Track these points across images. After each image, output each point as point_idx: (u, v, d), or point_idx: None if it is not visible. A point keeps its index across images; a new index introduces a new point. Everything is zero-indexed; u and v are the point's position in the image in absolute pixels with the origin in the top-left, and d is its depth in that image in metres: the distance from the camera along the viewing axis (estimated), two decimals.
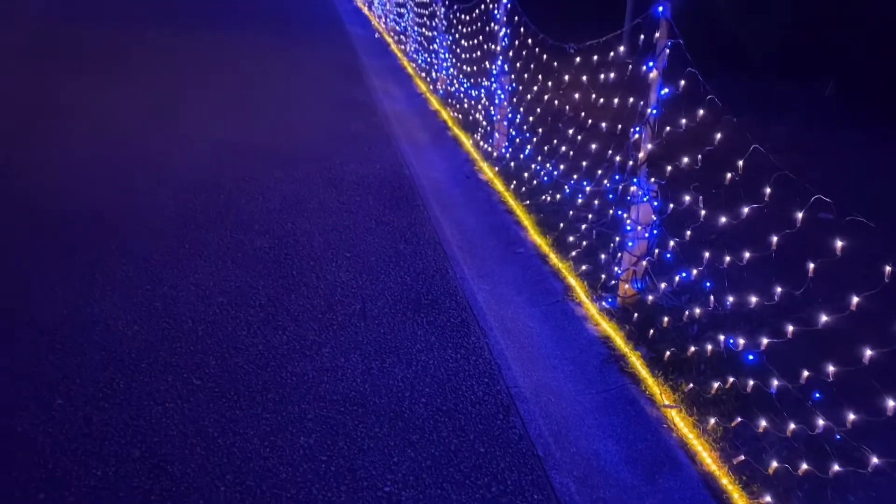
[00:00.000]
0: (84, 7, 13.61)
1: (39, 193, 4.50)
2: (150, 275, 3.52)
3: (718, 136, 2.79)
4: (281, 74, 8.25)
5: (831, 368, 2.15)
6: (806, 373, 2.29)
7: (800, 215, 2.29)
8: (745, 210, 2.61)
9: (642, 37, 3.12)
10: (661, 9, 2.94)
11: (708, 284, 3.00)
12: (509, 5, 5.17)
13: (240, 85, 7.67)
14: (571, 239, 3.85)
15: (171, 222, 4.14)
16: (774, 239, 2.44)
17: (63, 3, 13.99)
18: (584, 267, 3.61)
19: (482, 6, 5.79)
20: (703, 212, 2.95)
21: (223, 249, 3.84)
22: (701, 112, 2.90)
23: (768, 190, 2.45)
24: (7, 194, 4.50)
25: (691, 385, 2.73)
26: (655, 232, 3.22)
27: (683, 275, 2.99)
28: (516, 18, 5.01)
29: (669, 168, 3.11)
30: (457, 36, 6.90)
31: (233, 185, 4.76)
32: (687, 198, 3.01)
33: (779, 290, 2.48)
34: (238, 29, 11.50)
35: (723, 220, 2.74)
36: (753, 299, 2.58)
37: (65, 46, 9.24)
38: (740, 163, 2.58)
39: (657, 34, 3.00)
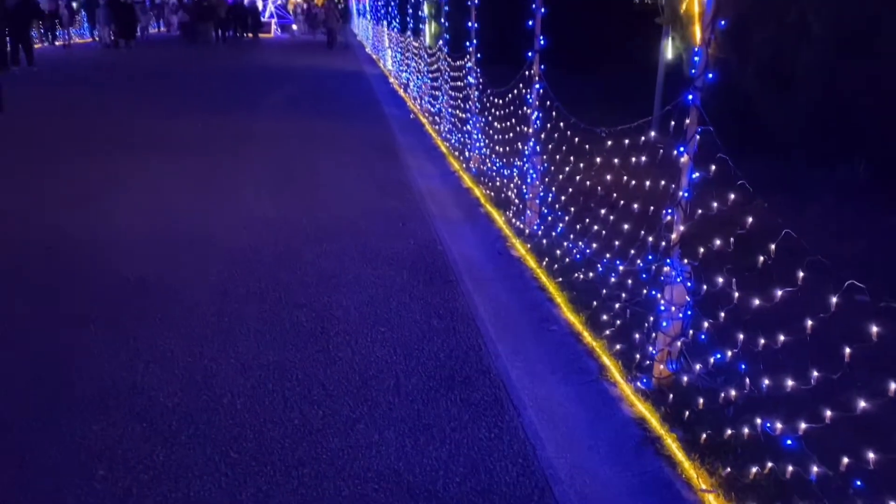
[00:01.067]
0: (128, 88, 14.34)
1: (88, 266, 4.69)
2: (191, 347, 3.62)
3: (750, 219, 2.84)
4: (320, 152, 8.56)
5: (872, 456, 2.12)
6: (846, 459, 2.25)
7: (834, 300, 2.31)
8: (779, 293, 2.63)
9: (673, 123, 3.23)
10: (690, 97, 3.05)
11: (743, 366, 2.99)
12: (542, 91, 5.36)
13: (280, 163, 7.97)
14: (605, 317, 3.87)
15: (213, 295, 4.26)
16: (809, 322, 2.45)
17: (104, 87, 14.75)
18: (618, 346, 3.62)
19: (515, 91, 6.01)
20: (736, 294, 2.97)
21: (262, 323, 3.93)
22: (732, 196, 2.96)
23: (801, 273, 2.48)
24: (57, 266, 4.69)
25: (729, 469, 2.70)
26: (690, 313, 3.24)
27: (718, 356, 2.99)
28: (548, 103, 5.19)
29: (702, 250, 3.15)
30: (489, 118, 7.13)
31: (272, 259, 4.90)
32: (720, 279, 3.04)
33: (815, 373, 2.48)
34: (278, 110, 12.00)
35: (757, 301, 2.76)
36: (790, 382, 2.57)
37: (112, 130, 9.71)
38: (773, 246, 2.62)
39: (687, 120, 3.10)
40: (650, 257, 3.63)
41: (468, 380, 3.45)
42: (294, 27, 37.10)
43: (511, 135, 6.44)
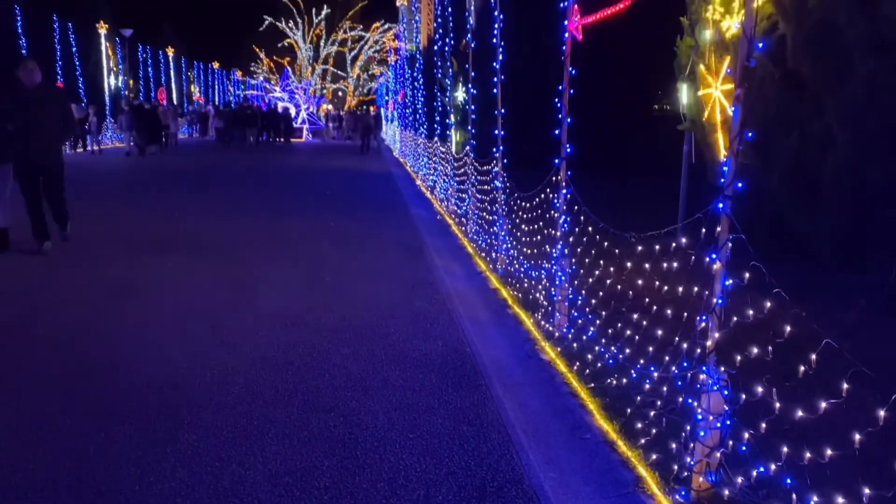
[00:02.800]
0: (152, 193, 14.85)
1: (118, 365, 4.73)
2: (219, 451, 3.57)
3: (788, 328, 2.81)
4: (348, 253, 8.70)
5: None
6: None
7: (882, 413, 2.24)
8: (823, 404, 2.56)
9: (703, 230, 3.26)
10: (721, 205, 3.09)
11: (789, 481, 2.87)
12: (569, 196, 5.46)
13: (309, 263, 8.10)
14: (640, 425, 3.77)
15: (242, 398, 4.24)
16: (857, 437, 2.37)
17: (126, 192, 15.29)
18: (654, 456, 3.51)
19: (542, 195, 6.13)
20: (777, 404, 2.89)
21: (290, 427, 3.89)
22: (768, 304, 2.94)
23: (846, 386, 2.42)
24: (86, 364, 4.73)
25: None
26: (728, 422, 3.15)
27: (761, 469, 2.89)
28: (576, 207, 5.28)
29: (739, 357, 3.11)
30: (517, 220, 7.25)
31: (301, 361, 4.90)
32: (759, 388, 2.98)
33: (867, 490, 2.37)
34: (308, 211, 12.31)
35: (800, 413, 2.69)
36: (840, 500, 2.46)
37: (143, 232, 9.99)
38: (813, 356, 2.57)
39: (718, 228, 3.13)
40: (685, 364, 3.58)
41: (500, 490, 3.35)
42: (325, 132, 38.58)
43: (539, 237, 6.51)
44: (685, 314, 3.71)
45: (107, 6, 34.34)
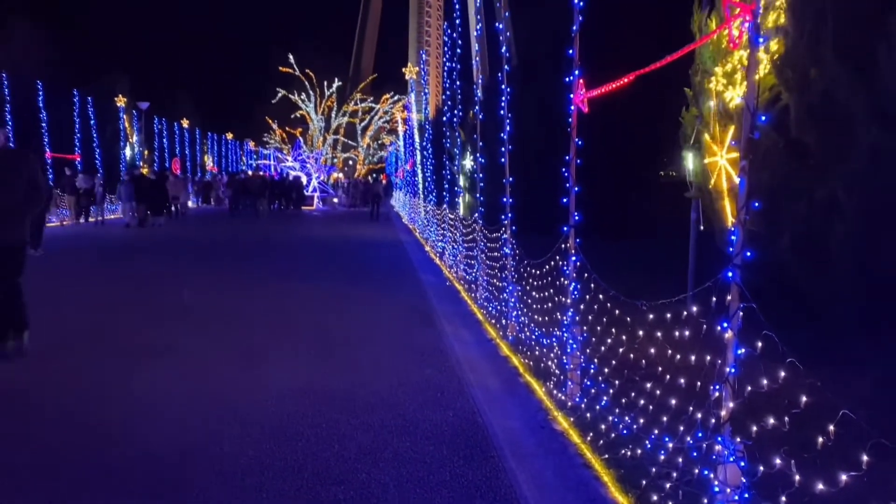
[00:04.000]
0: (157, 262, 14.98)
1: (127, 437, 4.69)
2: None
3: (804, 398, 2.78)
4: (357, 320, 8.71)
5: None
6: None
7: None
8: (844, 477, 2.51)
9: (714, 299, 3.27)
10: (730, 274, 3.11)
11: None
12: (578, 263, 5.50)
13: (318, 331, 8.10)
14: (656, 498, 3.69)
15: (251, 469, 4.19)
16: None
17: (133, 263, 15.44)
18: None
19: (552, 263, 6.17)
20: (796, 476, 2.84)
21: (300, 500, 3.82)
22: (782, 374, 2.92)
23: (865, 458, 2.38)
24: (95, 437, 4.70)
25: None
26: (746, 495, 3.08)
27: None
28: (585, 275, 5.30)
29: (755, 428, 3.06)
30: (526, 287, 7.26)
31: (311, 431, 4.85)
32: (777, 460, 2.93)
33: None
34: (318, 278, 12.37)
35: (819, 486, 2.64)
36: None
37: (158, 300, 10.05)
38: (831, 427, 2.54)
39: (728, 297, 3.14)
40: (700, 434, 3.53)
41: None
42: (335, 200, 39.11)
43: (549, 304, 6.51)
44: (699, 383, 3.68)
45: (125, 80, 35.50)
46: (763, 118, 3.19)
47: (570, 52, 5.44)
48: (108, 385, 5.87)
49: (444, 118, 16.18)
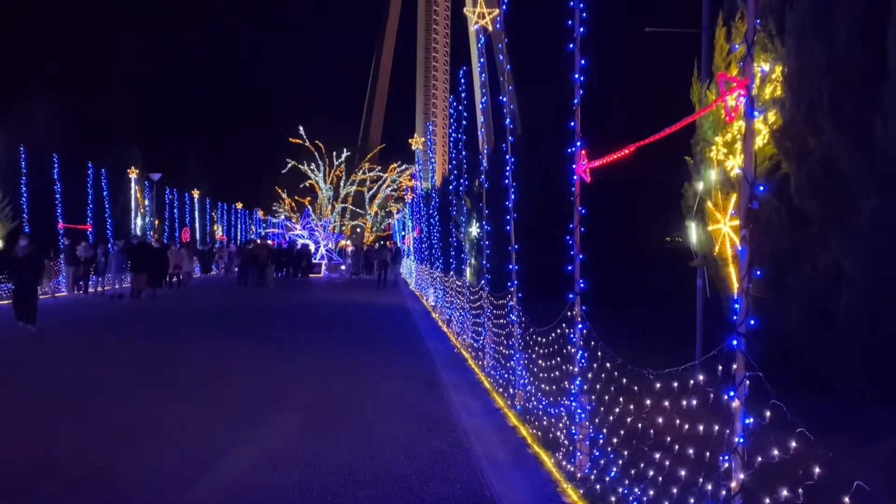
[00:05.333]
0: (172, 335, 14.97)
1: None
2: None
3: (817, 469, 2.74)
4: (365, 391, 8.64)
5: None
6: None
7: None
8: None
9: (720, 367, 3.26)
10: (735, 342, 3.12)
11: None
12: (585, 331, 5.49)
13: (324, 400, 8.04)
14: None
15: None
16: None
17: (149, 331, 15.43)
18: None
19: (558, 330, 6.16)
20: None
21: None
22: (793, 444, 2.89)
23: None
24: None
25: None
26: None
27: None
28: (592, 343, 5.29)
29: (767, 500, 3.01)
30: (533, 355, 7.23)
31: None
32: None
33: None
34: (324, 346, 12.33)
35: None
36: None
37: (158, 370, 10.02)
38: (846, 500, 2.50)
39: (734, 365, 3.14)
40: None
41: None
42: (342, 267, 39.26)
43: (557, 373, 6.46)
44: (708, 453, 3.63)
45: (138, 153, 36.29)
46: (761, 188, 3.25)
47: (572, 124, 5.58)
48: (120, 450, 5.81)
49: (451, 186, 16.42)
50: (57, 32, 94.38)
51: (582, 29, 5.48)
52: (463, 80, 12.03)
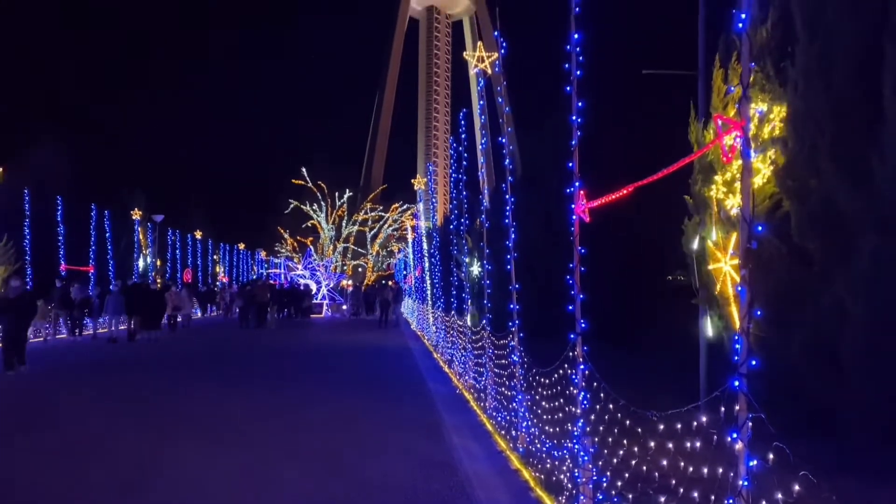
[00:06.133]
0: (163, 378, 14.86)
1: None
2: None
3: None
4: (366, 434, 8.55)
5: None
6: None
7: None
8: None
9: (723, 408, 3.23)
10: (737, 383, 3.09)
11: None
12: (587, 371, 5.45)
13: (325, 445, 7.94)
14: None
15: None
16: None
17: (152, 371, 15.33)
18: None
19: (560, 371, 6.12)
20: None
21: None
22: (797, 487, 2.85)
23: None
24: None
25: None
26: None
27: None
28: (595, 384, 5.25)
29: None
30: (536, 396, 7.16)
31: None
32: None
33: None
34: (323, 388, 12.24)
35: None
36: None
37: (159, 411, 9.93)
38: None
39: (737, 406, 3.11)
40: None
41: None
42: (344, 307, 39.14)
43: (559, 414, 6.39)
44: (713, 496, 3.57)
45: (141, 195, 36.56)
46: (760, 228, 3.26)
47: (571, 165, 5.63)
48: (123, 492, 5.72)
49: (452, 226, 16.48)
50: (63, 74, 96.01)
51: (579, 72, 5.56)
52: (463, 122, 12.17)
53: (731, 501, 3.09)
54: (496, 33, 9.39)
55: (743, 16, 3.38)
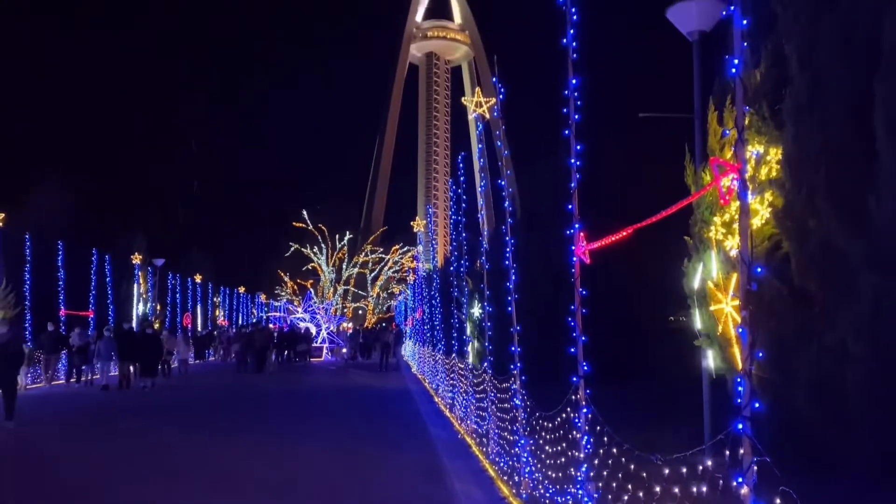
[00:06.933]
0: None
1: None
2: None
3: None
4: (366, 480, 8.43)
5: None
6: None
7: None
8: None
9: (728, 452, 3.19)
10: (740, 426, 3.06)
11: None
12: (589, 415, 5.40)
13: (322, 491, 7.82)
14: None
15: None
16: None
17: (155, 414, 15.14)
18: None
19: (563, 415, 6.06)
20: None
21: None
22: None
23: None
24: None
25: None
26: None
27: None
28: (598, 428, 5.20)
29: None
30: (539, 440, 7.07)
31: None
32: None
33: None
34: (322, 437, 12.09)
35: None
36: None
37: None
38: None
39: (741, 450, 3.07)
40: None
41: None
42: (343, 351, 38.85)
43: (563, 459, 6.31)
44: None
45: (142, 239, 36.68)
46: (759, 269, 3.27)
47: (570, 207, 5.67)
48: None
49: (452, 268, 16.49)
50: (64, 118, 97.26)
51: (577, 116, 5.65)
52: (462, 165, 12.29)
53: None
54: (494, 79, 9.54)
55: (736, 61, 3.44)
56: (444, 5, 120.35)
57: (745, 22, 3.47)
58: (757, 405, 3.01)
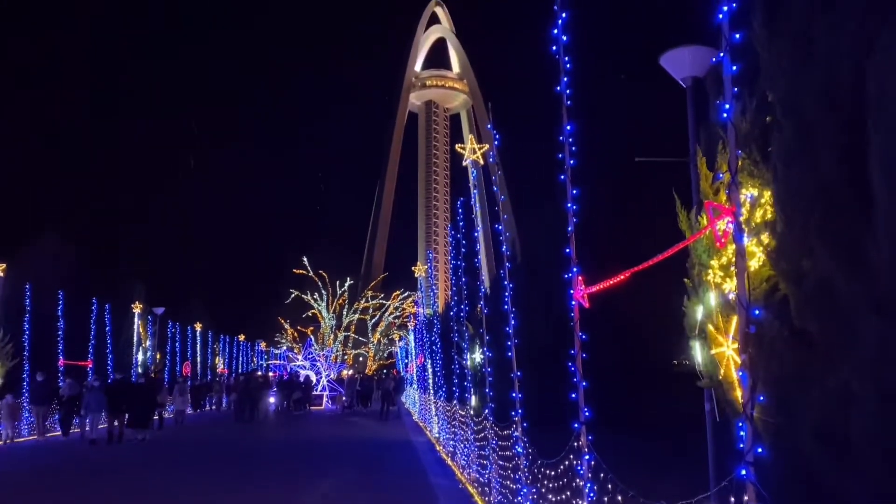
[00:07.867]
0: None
1: None
2: None
3: None
4: None
5: None
6: None
7: None
8: None
9: (732, 498, 3.13)
10: (744, 472, 3.01)
11: None
12: (592, 462, 5.32)
13: None
14: None
15: None
16: None
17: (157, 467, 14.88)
18: None
19: (566, 462, 5.97)
20: None
21: None
22: None
23: None
24: None
25: None
26: None
27: None
28: (602, 474, 5.11)
29: None
30: (542, 488, 6.95)
31: None
32: None
33: None
34: (321, 491, 11.86)
35: None
36: None
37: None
38: None
39: (745, 497, 3.02)
40: None
41: None
42: (343, 398, 38.40)
43: None
44: None
45: (142, 288, 36.65)
46: (757, 312, 3.26)
47: (568, 251, 5.68)
48: None
49: (452, 313, 16.44)
50: (63, 168, 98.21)
51: (573, 161, 5.70)
52: (461, 210, 12.37)
53: None
54: (489, 125, 9.66)
55: (727, 106, 3.49)
56: (443, 55, 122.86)
57: (734, 68, 3.54)
58: (760, 450, 2.96)
